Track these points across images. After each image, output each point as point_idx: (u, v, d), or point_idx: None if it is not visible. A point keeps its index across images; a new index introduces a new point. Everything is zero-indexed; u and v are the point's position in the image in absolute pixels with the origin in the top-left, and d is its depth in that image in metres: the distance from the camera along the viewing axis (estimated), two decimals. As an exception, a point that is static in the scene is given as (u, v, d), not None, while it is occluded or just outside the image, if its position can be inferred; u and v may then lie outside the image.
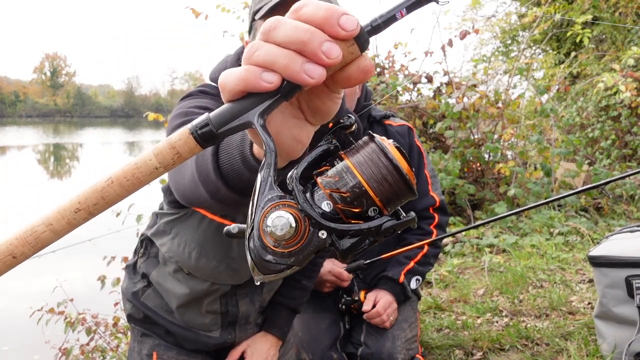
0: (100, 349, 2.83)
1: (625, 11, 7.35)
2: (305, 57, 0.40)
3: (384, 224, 0.42)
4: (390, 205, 0.44)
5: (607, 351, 1.84)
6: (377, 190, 0.43)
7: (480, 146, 4.47)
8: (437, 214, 1.89)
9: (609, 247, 1.85)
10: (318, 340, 1.76)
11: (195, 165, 0.71)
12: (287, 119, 0.47)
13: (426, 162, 1.92)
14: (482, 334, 2.21)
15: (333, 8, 0.40)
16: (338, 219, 0.43)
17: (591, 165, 5.35)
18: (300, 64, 0.40)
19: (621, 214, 4.23)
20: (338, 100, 0.48)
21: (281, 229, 0.41)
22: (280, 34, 0.41)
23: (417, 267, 1.84)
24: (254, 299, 1.42)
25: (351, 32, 0.40)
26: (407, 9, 0.42)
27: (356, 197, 0.42)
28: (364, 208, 0.43)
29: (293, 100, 0.45)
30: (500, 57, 10.76)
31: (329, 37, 0.40)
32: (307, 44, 0.40)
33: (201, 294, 1.34)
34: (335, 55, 0.40)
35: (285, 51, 0.40)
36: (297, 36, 0.40)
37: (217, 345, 1.42)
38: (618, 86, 4.83)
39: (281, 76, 0.41)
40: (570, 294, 2.61)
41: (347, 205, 0.42)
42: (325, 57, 0.40)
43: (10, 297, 4.54)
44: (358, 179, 0.42)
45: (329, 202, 0.43)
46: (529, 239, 3.55)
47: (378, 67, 4.82)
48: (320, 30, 0.40)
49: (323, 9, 0.40)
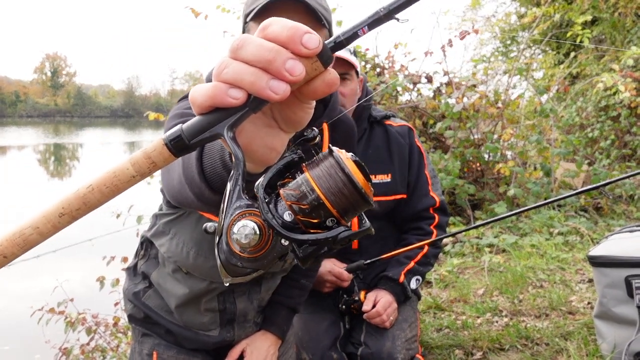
0: (100, 348, 2.83)
1: (625, 11, 7.35)
2: (270, 74, 0.43)
3: (340, 234, 0.45)
4: (348, 215, 0.47)
5: (606, 351, 1.84)
6: (334, 202, 0.46)
7: (480, 146, 4.47)
8: (437, 214, 1.89)
9: (609, 247, 1.85)
10: (318, 340, 1.77)
11: (182, 168, 0.75)
12: (260, 128, 0.50)
13: (426, 163, 1.92)
14: (482, 333, 2.21)
15: (297, 27, 0.43)
16: (298, 228, 0.46)
17: (591, 165, 5.35)
18: (266, 80, 0.43)
19: (621, 214, 4.24)
20: (310, 110, 0.50)
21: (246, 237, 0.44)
22: (247, 52, 0.43)
23: (417, 267, 1.84)
24: (251, 297, 1.43)
25: (313, 50, 0.43)
26: (368, 27, 0.45)
27: (314, 208, 0.45)
28: (322, 219, 0.46)
29: (266, 110, 0.48)
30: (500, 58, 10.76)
31: (292, 55, 0.43)
32: (271, 62, 0.42)
33: (200, 293, 1.35)
34: (297, 72, 0.43)
35: (251, 69, 0.43)
36: (262, 55, 0.43)
37: (217, 343, 1.43)
38: (617, 86, 4.83)
39: (247, 92, 0.43)
40: (570, 294, 2.61)
41: (305, 216, 0.45)
42: (289, 74, 0.42)
43: (11, 297, 4.54)
44: (316, 192, 0.45)
45: (290, 213, 0.46)
46: (529, 239, 3.55)
47: (378, 67, 4.82)
48: (284, 48, 0.43)
49: (287, 28, 0.43)
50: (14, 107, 75.31)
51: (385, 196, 1.85)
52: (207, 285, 1.34)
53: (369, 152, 1.86)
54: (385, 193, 1.85)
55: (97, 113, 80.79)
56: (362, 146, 1.87)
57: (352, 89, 1.78)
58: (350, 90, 1.77)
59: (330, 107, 1.32)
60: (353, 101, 1.80)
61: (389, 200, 1.86)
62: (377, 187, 1.85)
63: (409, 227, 1.91)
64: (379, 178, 1.85)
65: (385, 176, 1.86)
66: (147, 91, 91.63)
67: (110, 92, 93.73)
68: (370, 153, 1.86)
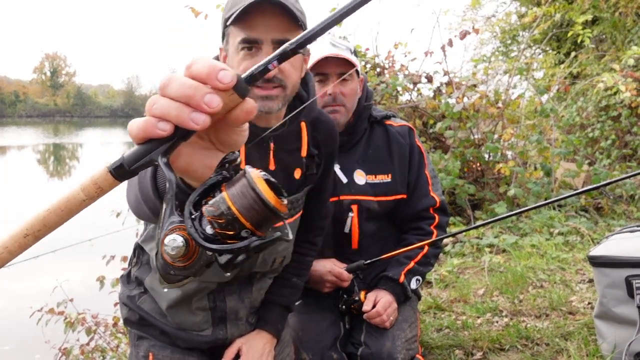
0: (100, 349, 2.83)
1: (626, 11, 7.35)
2: (191, 108, 0.49)
3: (252, 243, 0.53)
4: (262, 227, 0.54)
5: (607, 351, 1.84)
6: (247, 217, 0.53)
7: (480, 146, 4.46)
8: (437, 214, 1.89)
9: (609, 247, 1.85)
10: (318, 340, 1.76)
11: (138, 187, 0.82)
12: (197, 150, 0.57)
13: (426, 163, 1.92)
14: (482, 334, 2.21)
15: (214, 65, 0.49)
16: (218, 240, 0.53)
17: (591, 165, 5.35)
18: (188, 113, 0.49)
19: (621, 214, 4.23)
20: (243, 133, 0.57)
21: (174, 248, 0.52)
22: (172, 89, 0.50)
23: (418, 267, 1.84)
24: (242, 296, 1.44)
25: (228, 85, 0.49)
26: (277, 61, 0.52)
27: (230, 222, 0.53)
28: (237, 231, 0.53)
29: (202, 135, 0.55)
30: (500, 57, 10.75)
31: (211, 90, 0.49)
32: (191, 97, 0.49)
33: (191, 293, 1.36)
34: (214, 105, 0.49)
35: (175, 104, 0.49)
36: (184, 91, 0.49)
37: (210, 343, 1.44)
38: (618, 86, 4.82)
39: (174, 124, 0.50)
40: (570, 294, 2.61)
41: (222, 229, 0.53)
42: (207, 107, 0.48)
43: (11, 297, 4.54)
44: (231, 209, 0.52)
45: (211, 227, 0.53)
46: (529, 239, 3.55)
47: (378, 67, 4.82)
48: (204, 84, 0.49)
49: (206, 67, 0.49)
50: (13, 107, 75.16)
51: (385, 196, 1.84)
52: (197, 285, 1.35)
53: (369, 152, 1.86)
54: (385, 193, 1.84)
55: (97, 113, 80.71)
56: (363, 146, 1.87)
57: (352, 88, 1.78)
58: (351, 90, 1.77)
59: (309, 107, 1.33)
60: (354, 101, 1.80)
61: (389, 200, 1.86)
62: (378, 187, 1.84)
63: (409, 227, 1.91)
64: (379, 178, 1.85)
65: (386, 176, 1.85)
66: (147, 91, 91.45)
67: (110, 92, 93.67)
68: (370, 153, 1.86)
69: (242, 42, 1.17)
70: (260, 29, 1.15)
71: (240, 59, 1.18)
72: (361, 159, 1.85)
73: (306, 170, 1.40)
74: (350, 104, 1.79)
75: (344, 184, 1.82)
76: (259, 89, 1.19)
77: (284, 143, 1.34)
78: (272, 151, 1.32)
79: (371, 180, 1.84)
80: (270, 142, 1.31)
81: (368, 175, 1.84)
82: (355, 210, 1.83)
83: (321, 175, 1.48)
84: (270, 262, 1.42)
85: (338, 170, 1.82)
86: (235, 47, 1.19)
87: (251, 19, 1.14)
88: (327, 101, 1.75)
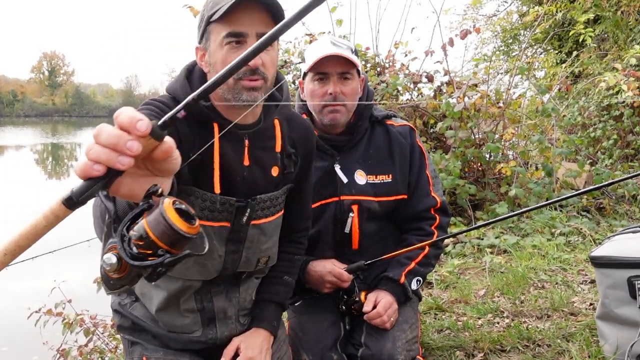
0: (98, 350, 2.82)
1: (628, 10, 7.33)
2: (117, 152, 0.62)
3: (165, 260, 0.67)
4: (176, 246, 0.67)
5: (609, 352, 1.83)
6: (161, 239, 0.66)
7: (481, 146, 4.44)
8: (438, 214, 1.87)
9: (611, 248, 1.84)
10: (318, 341, 1.75)
11: (98, 211, 0.95)
12: (137, 178, 0.69)
13: (427, 163, 1.90)
14: (483, 335, 2.19)
15: (133, 117, 0.62)
16: (141, 257, 0.67)
17: (593, 165, 5.33)
18: (115, 157, 0.62)
19: (623, 214, 4.21)
20: (174, 161, 0.69)
21: (108, 265, 0.69)
22: (102, 138, 0.62)
23: (418, 268, 1.83)
24: (230, 296, 1.47)
25: (144, 132, 0.62)
26: (184, 110, 0.65)
27: (148, 244, 0.66)
28: (154, 250, 0.67)
29: (140, 165, 0.68)
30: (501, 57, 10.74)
31: (131, 137, 0.62)
32: (117, 144, 0.62)
33: (176, 293, 1.39)
34: (135, 149, 0.62)
35: (105, 149, 0.62)
36: (110, 140, 0.62)
37: (202, 343, 1.46)
38: (620, 85, 4.81)
39: (105, 165, 0.62)
40: (572, 295, 2.60)
41: (144, 249, 0.67)
42: (129, 151, 0.62)
43: (10, 297, 4.53)
44: (149, 233, 0.66)
45: (136, 247, 0.67)
46: (530, 239, 3.53)
47: (378, 66, 4.81)
48: (126, 132, 0.62)
49: (128, 118, 0.62)
50: (11, 106, 74.93)
51: (386, 196, 1.83)
52: (182, 284, 1.38)
53: (370, 152, 1.85)
54: (386, 193, 1.83)
55: (95, 112, 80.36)
56: (363, 146, 1.85)
57: (352, 88, 1.76)
58: (352, 90, 1.76)
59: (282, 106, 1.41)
60: (354, 100, 1.79)
61: (390, 201, 1.84)
62: (378, 187, 1.83)
63: (410, 227, 1.89)
64: (379, 178, 1.84)
65: (386, 176, 1.84)
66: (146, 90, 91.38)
67: (109, 91, 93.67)
68: (371, 153, 1.85)
69: (227, 36, 1.22)
70: (245, 24, 1.21)
71: (225, 53, 1.23)
72: (362, 159, 1.84)
73: (284, 168, 1.44)
74: (351, 103, 1.78)
75: (345, 184, 1.81)
76: (246, 81, 1.24)
77: (258, 140, 1.38)
78: (247, 148, 1.36)
79: (372, 180, 1.83)
80: (245, 139, 1.36)
81: (369, 176, 1.83)
82: (356, 210, 1.81)
83: (299, 175, 1.51)
84: (254, 262, 1.45)
85: (339, 170, 1.81)
86: (219, 42, 1.24)
87: (235, 14, 1.20)
88: (327, 100, 1.74)
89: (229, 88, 1.26)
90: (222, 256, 1.39)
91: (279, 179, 1.44)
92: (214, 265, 1.39)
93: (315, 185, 1.80)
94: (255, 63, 1.22)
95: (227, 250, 1.39)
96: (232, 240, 1.39)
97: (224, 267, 1.41)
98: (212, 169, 1.29)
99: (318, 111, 1.78)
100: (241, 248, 1.41)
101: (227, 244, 1.39)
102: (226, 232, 1.37)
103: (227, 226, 1.37)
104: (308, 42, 4.66)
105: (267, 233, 1.45)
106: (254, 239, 1.42)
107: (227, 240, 1.39)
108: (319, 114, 1.78)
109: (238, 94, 1.25)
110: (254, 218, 1.40)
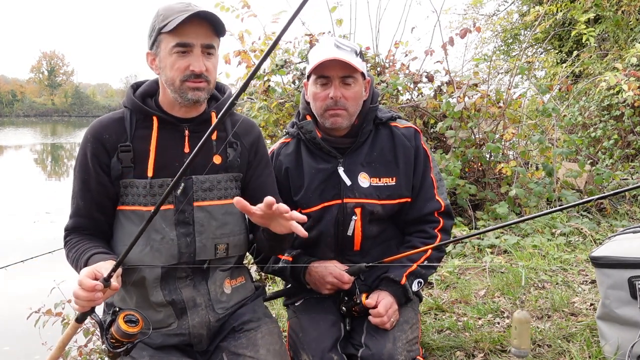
0: (98, 350, 2.81)
1: (628, 9, 7.32)
2: (91, 301, 1.28)
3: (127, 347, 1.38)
4: (131, 337, 1.38)
5: (609, 353, 1.82)
6: (122, 337, 1.38)
7: (482, 146, 4.43)
8: (442, 218, 1.86)
9: (612, 248, 1.83)
10: (318, 342, 1.75)
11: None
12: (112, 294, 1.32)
13: (432, 166, 1.88)
14: (483, 335, 2.19)
15: (91, 285, 1.26)
16: (117, 346, 1.38)
17: (593, 165, 5.32)
18: (90, 303, 1.29)
19: (624, 214, 4.21)
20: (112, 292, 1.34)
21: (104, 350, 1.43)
22: (80, 297, 1.27)
23: (420, 269, 1.82)
24: (198, 287, 1.57)
25: (98, 288, 1.28)
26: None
27: (117, 340, 1.38)
28: (121, 343, 1.38)
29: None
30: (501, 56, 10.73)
31: (95, 292, 1.27)
32: (89, 299, 1.27)
33: (139, 283, 1.52)
34: (98, 298, 1.28)
35: (84, 302, 1.27)
36: (85, 297, 1.26)
37: (179, 336, 1.55)
38: (621, 85, 4.80)
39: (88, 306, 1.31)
40: (573, 295, 2.59)
41: (117, 342, 1.39)
42: (96, 301, 1.29)
43: (11, 297, 4.54)
44: (114, 335, 1.38)
45: (112, 339, 1.40)
46: (531, 239, 3.52)
47: (378, 66, 4.80)
48: (90, 291, 1.26)
49: (88, 287, 1.27)
50: (10, 106, 74.61)
51: (389, 199, 1.82)
52: (142, 271, 1.50)
53: (374, 154, 1.83)
54: (389, 196, 1.82)
55: (95, 112, 79.90)
56: (367, 148, 1.84)
57: (355, 92, 1.75)
58: (354, 94, 1.75)
59: (223, 101, 1.60)
60: (357, 104, 1.78)
61: (393, 204, 1.83)
62: (382, 190, 1.82)
63: (413, 230, 1.88)
64: (383, 181, 1.82)
65: (390, 179, 1.82)
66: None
67: (109, 91, 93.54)
68: (375, 155, 1.83)
69: (177, 46, 1.43)
70: (192, 36, 1.43)
71: (173, 60, 1.45)
72: (365, 162, 1.83)
73: (226, 157, 1.59)
74: (353, 107, 1.77)
75: (348, 187, 1.80)
76: (191, 82, 1.45)
77: (197, 130, 1.55)
78: (187, 137, 1.55)
79: (375, 183, 1.81)
80: (186, 129, 1.55)
81: (372, 178, 1.82)
82: (359, 213, 1.80)
83: (250, 164, 1.64)
84: (211, 248, 1.54)
85: (342, 172, 1.80)
86: (168, 50, 1.45)
87: (184, 28, 1.41)
88: (328, 104, 1.73)
89: (175, 88, 1.46)
90: (174, 239, 1.49)
91: (222, 166, 1.57)
92: (168, 249, 1.49)
93: (318, 188, 1.80)
94: (200, 69, 1.44)
95: (177, 233, 1.49)
96: (180, 222, 1.50)
97: (179, 252, 1.50)
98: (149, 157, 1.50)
99: (320, 114, 1.78)
100: (192, 231, 1.50)
101: (176, 227, 1.49)
102: (171, 214, 1.48)
103: (171, 208, 1.49)
104: (308, 42, 4.65)
105: (216, 217, 1.53)
106: (203, 222, 1.51)
107: (175, 224, 1.49)
108: (321, 117, 1.78)
109: (184, 93, 1.46)
110: (196, 199, 1.50)
